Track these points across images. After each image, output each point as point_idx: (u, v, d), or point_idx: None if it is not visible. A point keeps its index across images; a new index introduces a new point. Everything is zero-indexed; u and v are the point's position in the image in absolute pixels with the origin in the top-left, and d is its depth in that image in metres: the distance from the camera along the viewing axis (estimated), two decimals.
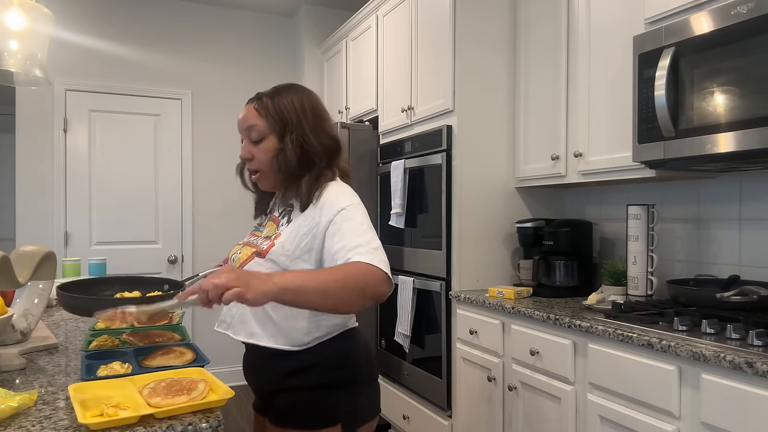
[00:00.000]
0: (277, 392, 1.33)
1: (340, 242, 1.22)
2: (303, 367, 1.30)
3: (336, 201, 1.29)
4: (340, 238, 1.23)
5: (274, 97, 1.36)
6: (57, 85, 3.81)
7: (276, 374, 1.32)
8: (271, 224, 1.42)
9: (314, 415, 1.28)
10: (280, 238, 1.32)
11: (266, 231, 1.41)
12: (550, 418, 2.00)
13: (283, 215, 1.40)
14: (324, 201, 1.31)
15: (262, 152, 1.35)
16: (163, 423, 0.94)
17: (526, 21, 2.62)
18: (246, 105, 1.40)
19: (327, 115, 1.42)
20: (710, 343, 1.48)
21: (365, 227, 1.25)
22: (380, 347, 3.26)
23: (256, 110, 1.36)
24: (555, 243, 2.43)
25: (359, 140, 3.32)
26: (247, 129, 1.36)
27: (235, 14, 4.35)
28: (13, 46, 1.72)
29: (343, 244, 1.21)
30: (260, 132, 1.35)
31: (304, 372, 1.30)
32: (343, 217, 1.26)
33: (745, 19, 1.54)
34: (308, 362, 1.30)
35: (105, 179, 3.97)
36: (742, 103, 1.56)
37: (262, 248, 1.33)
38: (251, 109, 1.37)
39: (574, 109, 2.31)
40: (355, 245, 1.20)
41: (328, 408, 1.29)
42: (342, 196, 1.31)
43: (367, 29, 3.51)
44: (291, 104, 1.35)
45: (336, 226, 1.25)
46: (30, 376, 1.24)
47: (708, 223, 2.13)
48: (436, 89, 2.73)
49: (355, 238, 1.21)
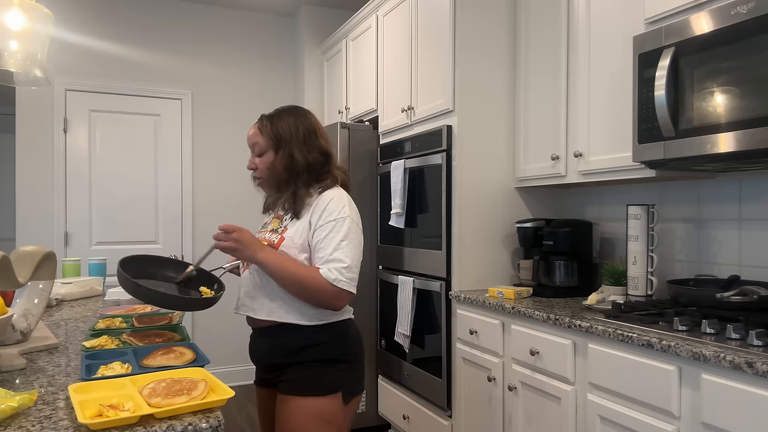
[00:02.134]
0: (288, 365, 1.57)
1: (324, 250, 1.53)
2: (312, 344, 1.56)
3: (332, 209, 1.56)
4: (324, 245, 1.54)
5: (273, 119, 1.65)
6: (57, 85, 3.82)
7: (289, 349, 1.57)
8: (276, 220, 1.69)
9: (321, 384, 1.55)
10: (287, 232, 1.59)
11: (271, 226, 1.68)
12: (550, 418, 2.00)
13: (286, 213, 1.65)
14: (322, 203, 1.58)
15: (262, 164, 1.65)
16: (163, 423, 0.94)
17: (527, 21, 2.62)
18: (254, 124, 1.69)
19: (320, 132, 1.67)
20: (710, 343, 1.48)
21: (345, 243, 1.53)
22: (380, 347, 3.26)
23: (259, 129, 1.65)
24: (555, 243, 2.43)
25: (359, 140, 3.32)
26: (252, 144, 1.66)
27: (235, 14, 4.35)
28: (13, 46, 1.73)
29: (323, 254, 1.53)
30: (261, 147, 1.64)
31: (313, 348, 1.56)
32: (333, 227, 1.54)
33: (745, 19, 1.54)
34: (317, 340, 1.57)
35: (105, 179, 3.97)
36: (742, 103, 1.56)
37: (273, 242, 1.60)
38: (255, 128, 1.67)
39: (574, 109, 2.31)
40: (330, 258, 1.51)
41: (332, 378, 1.56)
42: (338, 205, 1.57)
43: (367, 29, 3.51)
44: (287, 126, 1.63)
45: (324, 233, 1.54)
46: (30, 376, 1.24)
47: (708, 223, 2.13)
48: (436, 89, 2.73)
49: (333, 251, 1.52)
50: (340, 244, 1.52)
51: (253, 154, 1.67)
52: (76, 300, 2.35)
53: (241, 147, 4.28)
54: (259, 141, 1.64)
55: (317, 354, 1.56)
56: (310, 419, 1.53)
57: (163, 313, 1.84)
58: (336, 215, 1.55)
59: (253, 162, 1.67)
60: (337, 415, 1.57)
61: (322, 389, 1.55)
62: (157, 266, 1.64)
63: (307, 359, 1.56)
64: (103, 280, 2.56)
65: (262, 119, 1.67)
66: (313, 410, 1.54)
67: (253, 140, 1.66)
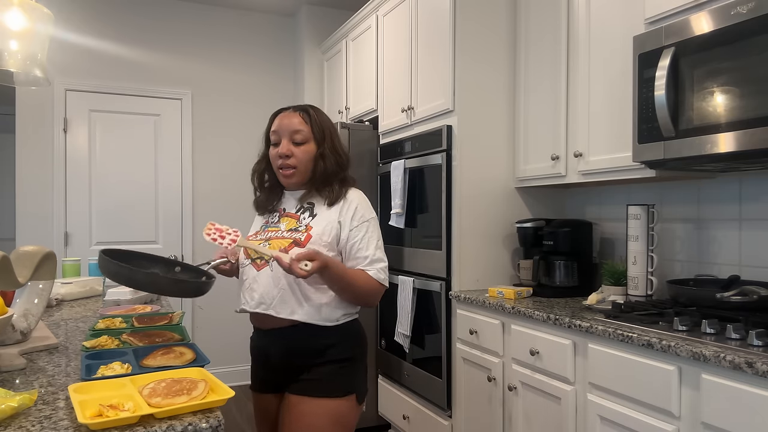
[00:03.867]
0: (307, 366, 1.54)
1: (365, 250, 1.57)
2: (332, 343, 1.55)
3: (365, 209, 1.62)
4: (365, 245, 1.58)
5: (318, 111, 1.66)
6: (57, 85, 3.82)
7: (312, 349, 1.54)
8: (289, 220, 1.63)
9: (339, 385, 1.54)
10: (314, 229, 1.56)
11: (284, 225, 1.62)
12: (550, 418, 2.00)
13: (302, 211, 1.63)
14: (351, 203, 1.60)
15: (303, 153, 1.60)
16: (163, 423, 0.94)
17: (527, 21, 2.62)
18: (286, 111, 1.64)
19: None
20: (710, 343, 1.48)
21: (381, 242, 1.62)
22: (380, 347, 3.26)
23: (302, 118, 1.62)
24: (555, 243, 2.43)
25: (359, 140, 3.32)
26: (293, 132, 1.60)
27: (235, 14, 4.35)
28: (13, 46, 1.73)
29: (366, 254, 1.57)
30: (304, 136, 1.60)
31: (332, 347, 1.55)
32: (368, 228, 1.60)
33: (745, 19, 1.54)
34: (335, 339, 1.55)
35: (105, 179, 3.97)
36: (742, 103, 1.56)
37: (300, 239, 1.55)
38: (297, 116, 1.62)
39: (574, 109, 2.31)
40: (374, 258, 1.57)
41: (348, 379, 1.56)
42: (368, 206, 1.64)
43: (367, 29, 3.51)
44: (327, 121, 1.66)
45: (362, 233, 1.58)
46: (30, 376, 1.24)
47: (708, 223, 2.13)
48: (436, 89, 2.73)
49: (375, 251, 1.58)
50: (378, 243, 1.60)
51: (288, 142, 1.60)
52: (76, 300, 2.35)
53: (241, 147, 4.28)
54: (303, 129, 1.61)
55: (335, 354, 1.55)
56: (327, 422, 1.50)
57: (163, 313, 1.84)
58: (369, 215, 1.61)
59: (289, 149, 1.60)
60: (351, 417, 1.56)
61: (340, 390, 1.53)
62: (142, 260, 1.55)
63: (327, 359, 1.54)
64: (103, 280, 2.56)
65: (305, 110, 1.65)
66: (330, 412, 1.51)
67: (295, 128, 1.61)
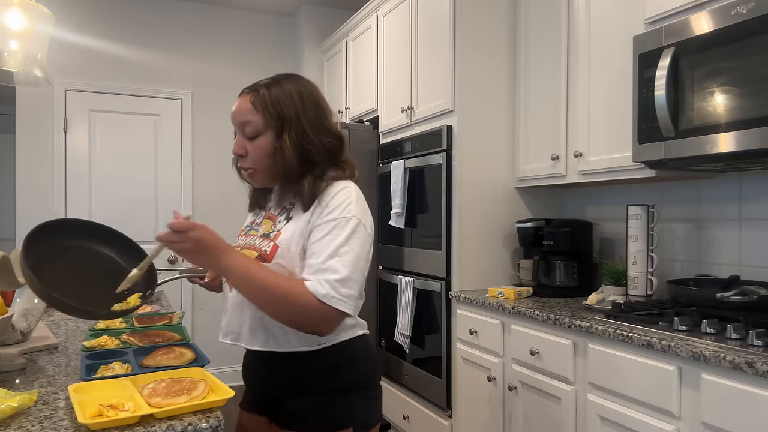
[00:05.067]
0: (289, 396, 1.26)
1: (315, 256, 1.18)
2: (319, 369, 1.25)
3: (335, 205, 1.22)
4: (317, 249, 1.18)
5: (272, 88, 1.26)
6: (57, 85, 3.81)
7: (292, 376, 1.26)
8: (268, 222, 1.34)
9: (329, 418, 1.25)
10: (281, 237, 1.24)
11: (262, 229, 1.33)
12: (550, 418, 2.00)
13: (281, 213, 1.31)
14: (329, 202, 1.22)
15: (257, 149, 1.25)
16: (163, 423, 0.94)
17: (527, 21, 2.62)
18: (240, 96, 1.29)
19: (329, 109, 1.32)
20: (710, 343, 1.48)
21: (345, 249, 1.17)
22: (380, 347, 3.26)
23: (252, 104, 1.25)
24: (555, 243, 2.43)
25: (359, 140, 3.31)
26: (242, 123, 1.26)
27: (235, 14, 4.35)
28: (13, 46, 1.72)
29: (314, 261, 1.17)
30: (256, 128, 1.24)
31: (319, 374, 1.25)
32: (333, 228, 1.19)
33: (745, 19, 1.54)
34: (325, 364, 1.26)
35: (105, 179, 3.97)
36: (742, 103, 1.56)
37: (265, 252, 1.24)
38: (246, 102, 1.26)
39: (574, 109, 2.31)
40: (322, 267, 1.15)
41: (342, 410, 1.26)
42: (343, 200, 1.22)
43: (367, 29, 3.51)
44: (290, 99, 1.25)
45: (322, 233, 1.19)
46: (30, 376, 1.24)
47: (708, 223, 2.13)
48: (436, 89, 2.73)
49: (328, 259, 1.16)
50: (338, 250, 1.16)
51: (241, 136, 1.27)
52: None
53: None
54: (253, 119, 1.24)
55: (324, 381, 1.25)
56: None
57: (163, 313, 1.84)
58: (339, 213, 1.20)
59: (241, 145, 1.26)
60: None
61: (331, 424, 1.24)
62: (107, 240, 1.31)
63: (312, 388, 1.25)
64: None
65: (257, 89, 1.27)
66: None
67: (243, 117, 1.25)
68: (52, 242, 1.21)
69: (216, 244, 1.12)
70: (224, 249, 1.12)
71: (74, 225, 1.29)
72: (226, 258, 1.12)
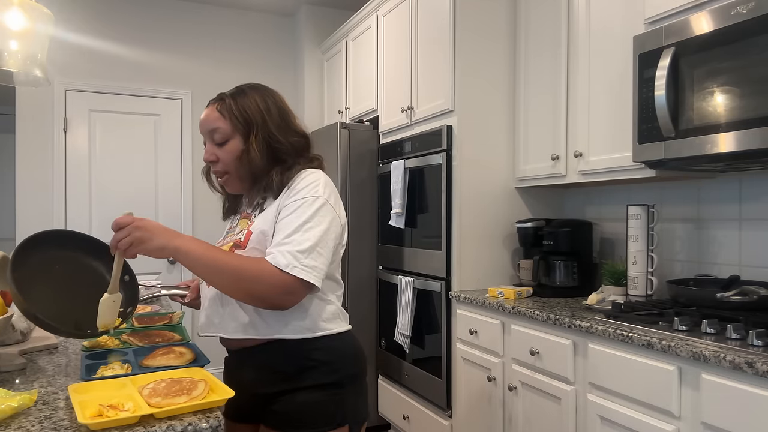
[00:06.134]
0: (279, 394, 1.25)
1: (279, 231, 1.21)
2: (312, 364, 1.25)
3: (301, 187, 1.26)
4: (281, 226, 1.21)
5: (237, 97, 1.33)
6: (57, 85, 3.81)
7: (281, 373, 1.25)
8: (243, 221, 1.37)
9: (326, 415, 1.24)
10: (254, 224, 1.28)
11: (239, 228, 1.36)
12: (550, 418, 2.00)
13: (255, 209, 1.35)
14: (297, 185, 1.27)
15: (227, 154, 1.31)
16: (163, 423, 0.94)
17: (527, 21, 2.62)
18: (207, 106, 1.36)
19: (292, 112, 1.39)
20: (710, 343, 1.48)
21: (309, 225, 1.20)
22: (380, 347, 3.26)
23: (219, 111, 1.32)
24: (555, 243, 2.43)
25: (359, 140, 3.31)
26: (210, 131, 1.32)
27: (235, 14, 4.35)
28: (13, 46, 1.72)
29: (278, 236, 1.20)
30: (224, 134, 1.31)
31: (313, 369, 1.25)
32: (295, 207, 1.22)
33: (745, 19, 1.54)
34: (317, 359, 1.26)
35: (105, 179, 3.97)
36: (742, 103, 1.56)
37: (240, 240, 1.28)
38: (213, 111, 1.33)
39: (574, 109, 2.31)
40: (284, 242, 1.18)
41: (337, 407, 1.26)
42: (310, 182, 1.27)
43: (367, 29, 3.51)
44: (255, 104, 1.32)
45: (285, 213, 1.23)
46: (30, 376, 1.24)
47: (708, 223, 2.13)
48: (436, 89, 2.73)
49: (291, 233, 1.18)
50: (303, 226, 1.19)
51: (211, 143, 1.33)
52: None
53: None
54: (221, 126, 1.30)
55: (318, 377, 1.25)
56: None
57: (163, 313, 1.84)
58: (305, 194, 1.23)
59: (211, 152, 1.33)
60: None
61: (329, 422, 1.24)
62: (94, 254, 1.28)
63: (305, 384, 1.24)
64: None
65: (222, 98, 1.34)
66: None
67: (211, 125, 1.31)
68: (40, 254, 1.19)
69: (163, 228, 1.17)
70: (174, 233, 1.17)
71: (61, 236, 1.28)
72: (176, 239, 1.16)
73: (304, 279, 1.15)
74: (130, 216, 1.15)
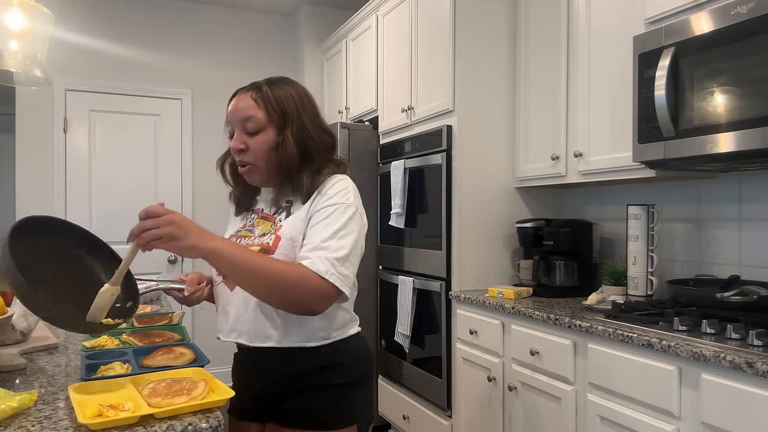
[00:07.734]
0: (290, 393, 1.26)
1: (313, 236, 1.19)
2: (328, 365, 1.26)
3: (333, 192, 1.24)
4: (315, 231, 1.19)
5: (273, 87, 1.29)
6: (57, 85, 3.81)
7: (297, 374, 1.25)
8: (263, 222, 1.33)
9: (338, 415, 1.26)
10: (283, 229, 1.25)
11: (259, 230, 1.32)
12: (550, 418, 2.00)
13: (280, 211, 1.32)
14: (328, 190, 1.25)
15: (259, 144, 1.26)
16: (163, 423, 0.94)
17: (527, 21, 2.62)
18: (239, 94, 1.30)
19: (321, 110, 1.38)
20: (710, 343, 1.48)
21: (344, 233, 1.19)
22: (380, 347, 3.26)
23: (254, 100, 1.27)
24: (555, 243, 2.43)
25: (359, 140, 3.31)
26: (243, 119, 1.26)
27: (235, 14, 4.35)
28: (13, 46, 1.72)
29: (313, 240, 1.18)
30: (258, 123, 1.26)
31: (328, 370, 1.26)
32: (329, 213, 1.21)
33: (745, 19, 1.54)
34: (333, 361, 1.27)
35: (105, 179, 3.97)
36: (742, 103, 1.56)
37: (268, 245, 1.24)
38: (247, 99, 1.27)
39: (574, 109, 2.31)
40: (321, 246, 1.16)
41: (348, 407, 1.28)
42: (348, 193, 1.26)
43: (367, 29, 3.51)
44: (290, 96, 1.29)
45: (318, 218, 1.21)
46: (30, 376, 1.24)
47: (708, 223, 2.13)
48: (436, 89, 2.73)
49: (327, 239, 1.17)
50: (338, 233, 1.18)
51: (241, 132, 1.27)
52: None
53: None
54: (256, 114, 1.25)
55: (331, 377, 1.26)
56: None
57: (163, 313, 1.84)
58: (338, 200, 1.22)
59: (242, 140, 1.27)
60: None
61: (340, 421, 1.25)
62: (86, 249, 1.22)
63: (317, 384, 1.26)
64: None
65: (258, 87, 1.29)
66: None
67: (245, 113, 1.26)
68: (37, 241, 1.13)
69: (198, 227, 1.08)
70: (209, 234, 1.09)
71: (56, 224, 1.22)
72: (212, 241, 1.07)
73: (339, 287, 1.15)
74: (163, 207, 1.05)
